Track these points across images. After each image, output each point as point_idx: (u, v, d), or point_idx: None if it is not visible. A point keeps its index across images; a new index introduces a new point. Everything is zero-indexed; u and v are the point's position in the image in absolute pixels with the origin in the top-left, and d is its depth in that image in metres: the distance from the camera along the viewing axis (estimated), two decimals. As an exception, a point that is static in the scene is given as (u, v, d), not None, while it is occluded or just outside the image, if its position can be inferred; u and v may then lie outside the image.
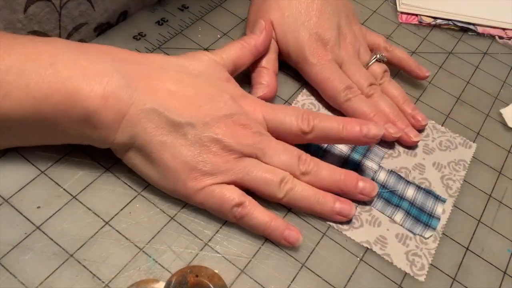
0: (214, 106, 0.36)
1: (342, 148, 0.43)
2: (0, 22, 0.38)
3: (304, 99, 0.47)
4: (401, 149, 0.45)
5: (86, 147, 0.38)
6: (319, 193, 0.38)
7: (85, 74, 0.33)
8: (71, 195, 0.36)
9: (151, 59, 0.38)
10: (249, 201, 0.36)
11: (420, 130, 0.47)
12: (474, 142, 0.47)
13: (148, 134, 0.35)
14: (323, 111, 0.46)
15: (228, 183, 0.36)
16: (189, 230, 0.36)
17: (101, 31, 0.47)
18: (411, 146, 0.45)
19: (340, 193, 0.39)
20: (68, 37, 0.44)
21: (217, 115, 0.36)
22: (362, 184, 0.39)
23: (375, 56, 0.48)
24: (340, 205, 0.38)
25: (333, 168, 0.39)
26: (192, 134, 0.35)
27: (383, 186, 0.42)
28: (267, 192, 0.37)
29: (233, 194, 0.36)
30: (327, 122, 0.39)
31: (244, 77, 0.45)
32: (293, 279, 0.35)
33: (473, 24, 0.58)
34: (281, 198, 0.37)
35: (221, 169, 0.36)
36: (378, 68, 0.48)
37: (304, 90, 0.47)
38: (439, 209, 0.41)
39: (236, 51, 0.42)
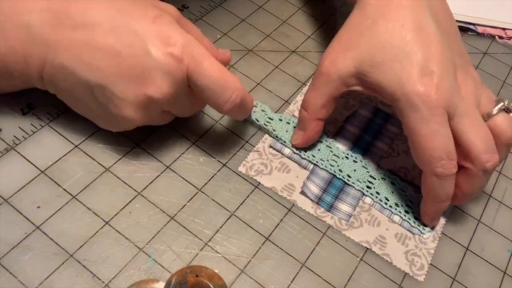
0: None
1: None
2: None
3: (304, 99, 0.47)
4: (400, 149, 0.45)
5: (86, 147, 0.38)
6: None
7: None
8: (71, 195, 0.36)
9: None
10: None
11: None
12: (474, 142, 0.47)
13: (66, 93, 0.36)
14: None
15: None
16: (189, 230, 0.36)
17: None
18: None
19: None
20: None
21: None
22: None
23: (502, 104, 0.37)
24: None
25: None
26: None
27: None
28: None
29: None
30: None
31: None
32: (293, 279, 0.35)
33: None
34: None
35: None
36: (506, 121, 0.37)
37: (304, 90, 0.47)
38: (439, 209, 0.41)
39: (197, 41, 0.35)
